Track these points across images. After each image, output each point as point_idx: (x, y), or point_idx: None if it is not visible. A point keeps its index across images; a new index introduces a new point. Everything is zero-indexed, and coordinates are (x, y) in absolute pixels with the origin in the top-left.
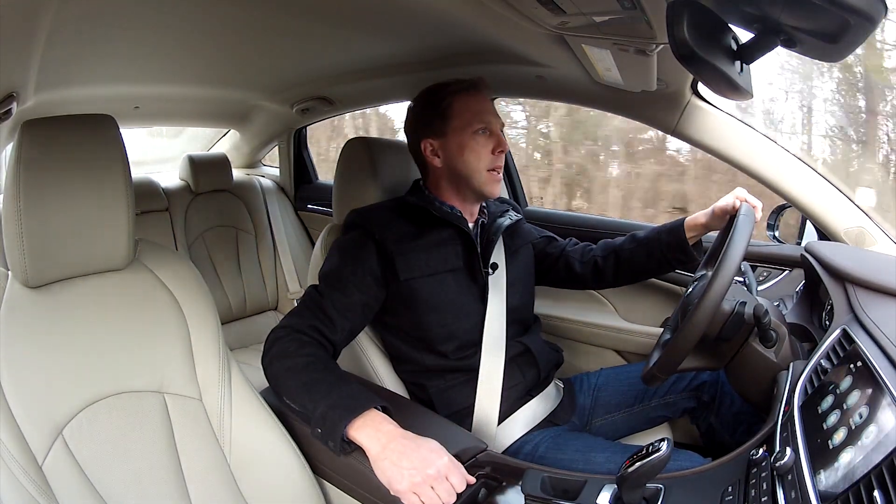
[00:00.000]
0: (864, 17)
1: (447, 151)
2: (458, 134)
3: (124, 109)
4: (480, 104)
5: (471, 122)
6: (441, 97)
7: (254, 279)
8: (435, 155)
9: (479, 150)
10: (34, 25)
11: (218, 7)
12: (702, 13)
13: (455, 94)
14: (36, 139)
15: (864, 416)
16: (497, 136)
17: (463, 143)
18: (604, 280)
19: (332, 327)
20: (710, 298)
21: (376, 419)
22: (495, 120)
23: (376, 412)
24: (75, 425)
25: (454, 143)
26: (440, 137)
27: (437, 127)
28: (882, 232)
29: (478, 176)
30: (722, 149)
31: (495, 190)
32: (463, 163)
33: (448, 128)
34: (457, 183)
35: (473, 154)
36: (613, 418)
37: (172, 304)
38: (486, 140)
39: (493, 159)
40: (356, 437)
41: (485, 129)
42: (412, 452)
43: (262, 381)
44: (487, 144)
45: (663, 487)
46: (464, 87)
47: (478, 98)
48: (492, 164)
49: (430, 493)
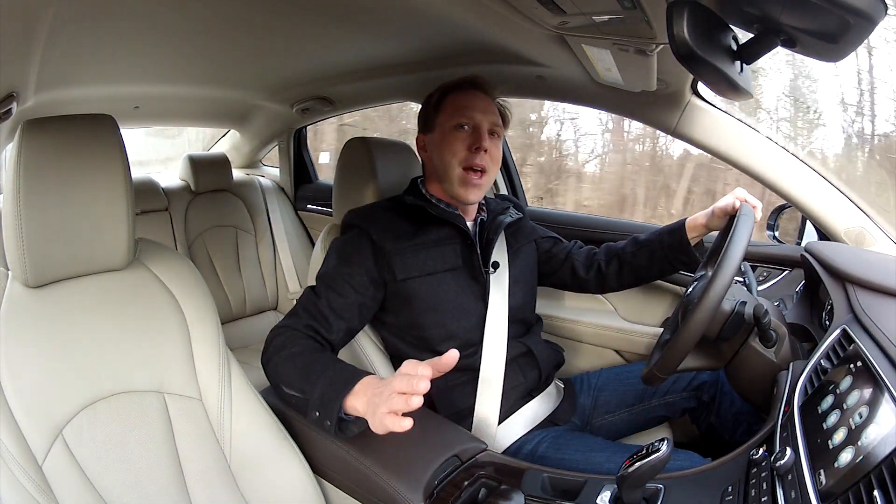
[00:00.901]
0: (864, 17)
1: (431, 145)
2: (441, 128)
3: (124, 109)
4: (469, 100)
5: (452, 116)
6: (437, 94)
7: (254, 279)
8: (423, 150)
9: (454, 145)
10: (34, 25)
11: (218, 7)
12: (702, 13)
13: (450, 91)
14: (36, 139)
15: (864, 416)
16: (478, 132)
17: (443, 137)
18: (607, 285)
19: (328, 327)
20: (709, 298)
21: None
22: (482, 117)
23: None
24: (75, 425)
25: (437, 137)
26: (429, 132)
27: (429, 122)
28: (882, 232)
29: (451, 172)
30: (722, 149)
31: (468, 194)
32: (439, 157)
33: (435, 122)
34: (439, 180)
35: (448, 148)
36: (613, 418)
37: (172, 303)
38: (466, 136)
39: (469, 156)
40: (354, 406)
41: (466, 124)
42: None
43: (262, 381)
44: (465, 140)
45: (663, 487)
46: (459, 84)
47: (470, 94)
48: (467, 161)
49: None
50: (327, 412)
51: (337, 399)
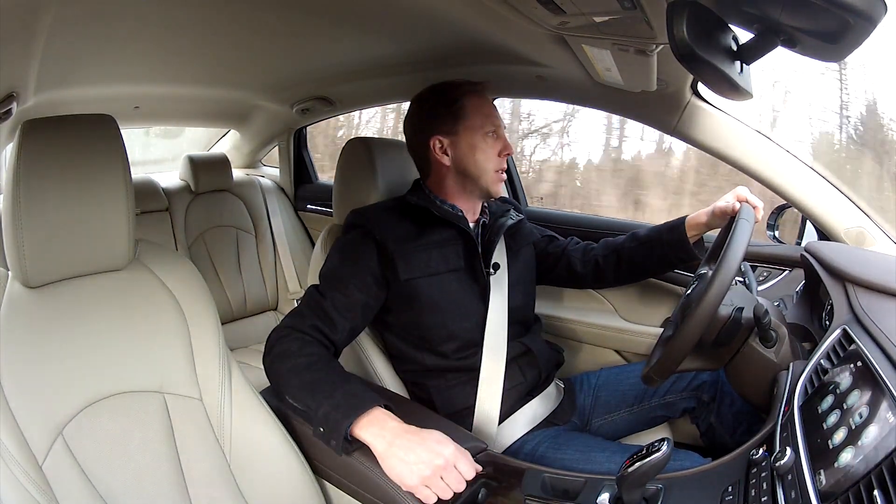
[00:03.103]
0: (864, 17)
1: (458, 150)
2: (470, 134)
3: (124, 109)
4: (490, 107)
5: (483, 124)
6: (454, 96)
7: (254, 279)
8: (444, 153)
9: (488, 152)
10: (34, 25)
11: (218, 7)
12: (702, 13)
13: (467, 95)
14: (36, 139)
15: (864, 416)
16: (503, 139)
17: (475, 143)
18: (604, 279)
19: (332, 327)
20: (709, 298)
21: (380, 417)
22: (501, 123)
23: (380, 410)
24: (75, 425)
25: (465, 142)
26: (451, 135)
27: (448, 125)
28: (882, 232)
29: (486, 176)
30: (722, 149)
31: (500, 189)
32: (473, 163)
33: (461, 126)
34: (463, 182)
35: (484, 155)
36: (613, 418)
37: (172, 304)
38: (495, 142)
39: (500, 161)
40: (361, 436)
41: (494, 131)
42: (418, 446)
43: (262, 381)
44: (496, 147)
45: (663, 487)
46: (474, 89)
47: (486, 101)
48: (498, 165)
49: (440, 484)
50: (332, 434)
51: (343, 423)
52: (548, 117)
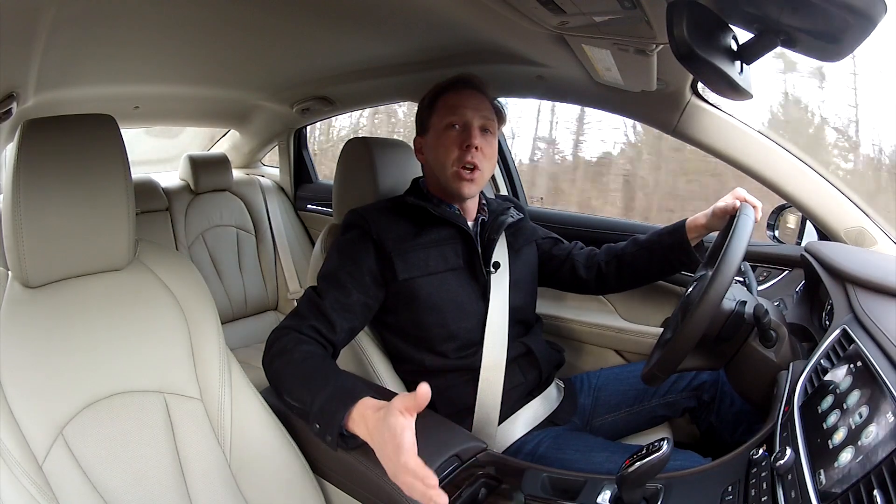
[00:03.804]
0: (864, 17)
1: (427, 147)
2: (434, 129)
3: (124, 109)
4: (459, 99)
5: (444, 116)
6: (433, 94)
7: (254, 279)
8: (420, 152)
9: (447, 146)
10: (34, 25)
11: (218, 7)
12: (702, 13)
13: (442, 92)
14: (36, 139)
15: (864, 416)
16: (469, 130)
17: (437, 138)
18: (607, 286)
19: (331, 327)
20: (709, 298)
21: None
22: (472, 114)
23: (370, 400)
24: (76, 425)
25: (432, 138)
26: (425, 134)
27: (424, 124)
28: (882, 232)
29: (445, 172)
30: (722, 149)
31: (464, 189)
32: (434, 158)
33: (429, 124)
34: (437, 180)
35: (442, 149)
36: (614, 418)
37: (173, 304)
38: (457, 135)
39: (461, 155)
40: (353, 429)
41: (456, 123)
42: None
43: (262, 380)
44: (457, 139)
45: (663, 487)
46: (451, 84)
47: (462, 93)
48: (459, 160)
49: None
50: (327, 428)
51: (336, 416)
52: None
